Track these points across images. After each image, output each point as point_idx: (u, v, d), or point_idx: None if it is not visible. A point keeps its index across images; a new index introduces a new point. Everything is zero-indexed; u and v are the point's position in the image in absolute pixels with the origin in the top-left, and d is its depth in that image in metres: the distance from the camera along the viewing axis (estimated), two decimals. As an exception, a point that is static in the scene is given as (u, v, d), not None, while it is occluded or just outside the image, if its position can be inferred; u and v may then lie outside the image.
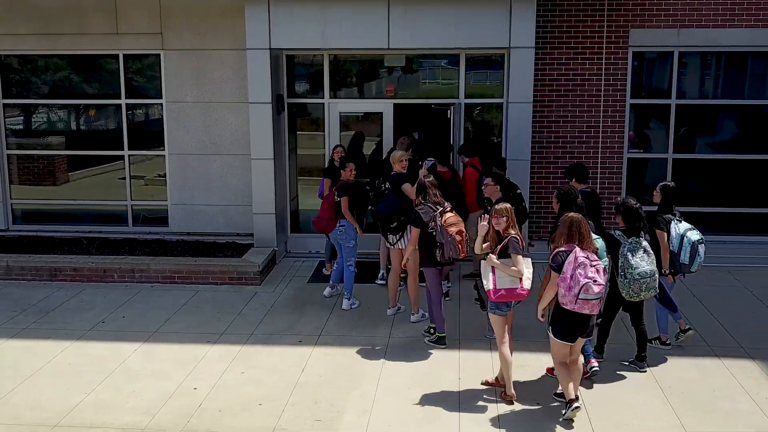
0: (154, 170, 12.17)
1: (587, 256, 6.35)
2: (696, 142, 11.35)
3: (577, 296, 6.26)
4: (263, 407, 6.92)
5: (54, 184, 12.50)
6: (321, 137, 11.63)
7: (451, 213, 8.02)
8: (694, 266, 7.73)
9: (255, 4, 10.62)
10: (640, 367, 7.62)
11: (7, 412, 6.89)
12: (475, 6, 10.40)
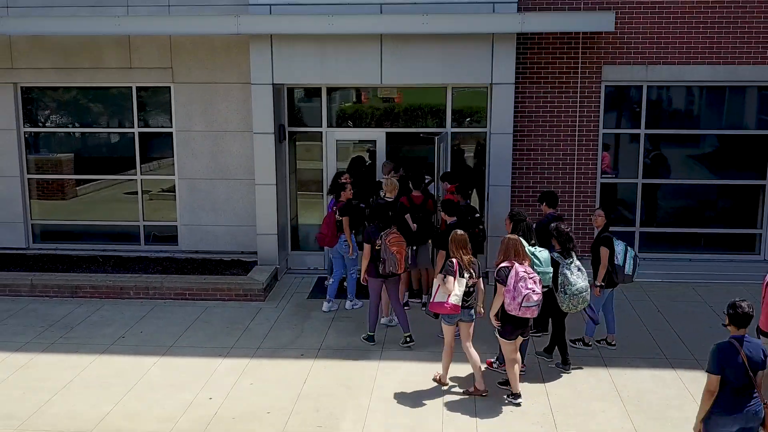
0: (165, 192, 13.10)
1: (526, 270, 7.68)
2: (663, 168, 12.36)
3: (521, 304, 7.59)
4: (271, 415, 7.90)
5: (71, 205, 13.43)
6: (319, 162, 12.61)
7: (395, 234, 9.34)
8: (634, 276, 8.98)
9: (259, 43, 11.60)
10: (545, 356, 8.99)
11: (46, 420, 7.86)
12: (460, 46, 11.39)
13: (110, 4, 12.25)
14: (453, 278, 8.04)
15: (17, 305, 11.32)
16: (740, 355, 5.67)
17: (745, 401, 5.72)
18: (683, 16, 11.66)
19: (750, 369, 5.67)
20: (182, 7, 12.13)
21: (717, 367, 5.70)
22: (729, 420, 5.74)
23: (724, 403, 5.72)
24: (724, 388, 5.72)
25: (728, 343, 5.76)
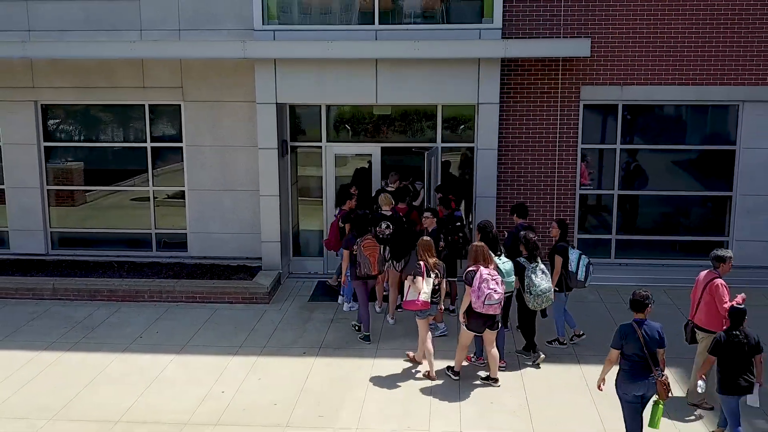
0: (174, 202, 14.07)
1: (490, 272, 8.76)
2: (638, 180, 13.35)
3: (484, 302, 8.68)
4: (277, 407, 8.87)
5: (87, 214, 14.38)
6: (319, 174, 13.57)
7: (369, 239, 10.46)
8: (587, 282, 10.02)
9: (264, 66, 12.57)
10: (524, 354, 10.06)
11: (77, 411, 8.83)
12: (449, 69, 12.37)
13: (124, 28, 13.23)
14: (422, 278, 9.24)
15: (41, 308, 12.28)
16: (638, 334, 7.09)
17: (647, 372, 7.07)
18: (655, 40, 12.64)
19: (646, 346, 6.99)
20: (192, 31, 13.11)
21: (617, 343, 7.22)
22: (633, 386, 7.16)
23: (630, 372, 7.12)
24: (630, 359, 7.16)
25: (629, 324, 7.24)
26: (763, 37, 12.55)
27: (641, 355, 7.10)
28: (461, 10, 12.60)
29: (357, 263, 10.45)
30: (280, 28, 12.57)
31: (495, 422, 8.50)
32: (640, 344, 7.09)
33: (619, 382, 7.28)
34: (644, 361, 7.09)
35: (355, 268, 10.53)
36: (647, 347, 7.09)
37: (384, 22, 12.54)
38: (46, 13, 13.36)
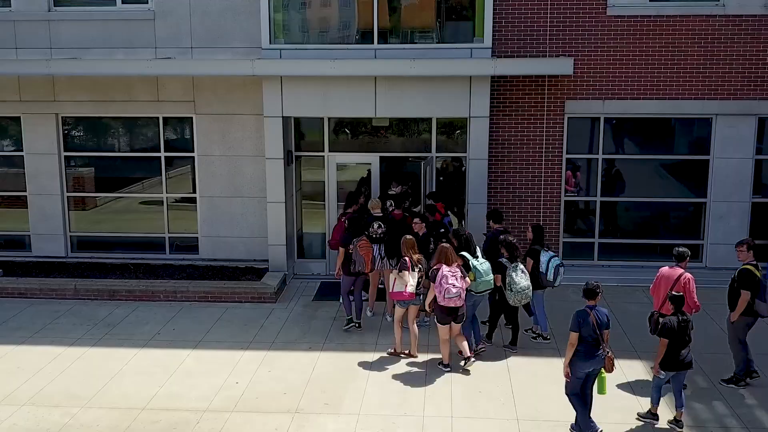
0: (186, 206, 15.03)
1: (451, 270, 9.92)
2: (619, 187, 14.33)
3: (444, 296, 9.81)
4: (287, 395, 9.85)
5: (104, 219, 15.35)
6: (322, 181, 14.53)
7: (364, 240, 11.68)
8: (557, 282, 10.97)
9: (271, 82, 13.54)
10: (511, 349, 11.08)
11: (105, 400, 9.80)
12: (443, 85, 13.34)
13: (140, 46, 14.20)
14: (407, 272, 10.46)
15: (64, 307, 13.23)
16: (591, 318, 8.35)
17: (595, 351, 8.32)
18: (634, 58, 13.62)
19: (598, 328, 8.24)
20: (203, 48, 14.09)
21: (576, 326, 8.38)
22: (586, 363, 8.41)
23: (584, 352, 8.33)
24: (583, 341, 8.36)
25: (583, 310, 8.45)
26: (734, 55, 13.54)
27: (594, 336, 8.34)
28: (454, 29, 13.58)
29: (352, 261, 11.65)
30: (286, 47, 13.54)
31: (482, 409, 9.48)
32: (593, 326, 8.33)
33: (574, 363, 8.43)
34: (596, 341, 8.35)
35: (348, 266, 11.71)
36: (598, 328, 8.37)
37: (382, 41, 13.52)
38: (67, 32, 14.32)
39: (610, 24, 13.56)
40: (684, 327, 8.67)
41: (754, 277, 9.66)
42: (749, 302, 9.67)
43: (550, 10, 13.51)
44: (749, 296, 9.64)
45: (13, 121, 14.92)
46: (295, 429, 9.01)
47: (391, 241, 12.19)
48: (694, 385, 10.08)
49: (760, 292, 9.67)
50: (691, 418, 9.27)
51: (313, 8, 13.74)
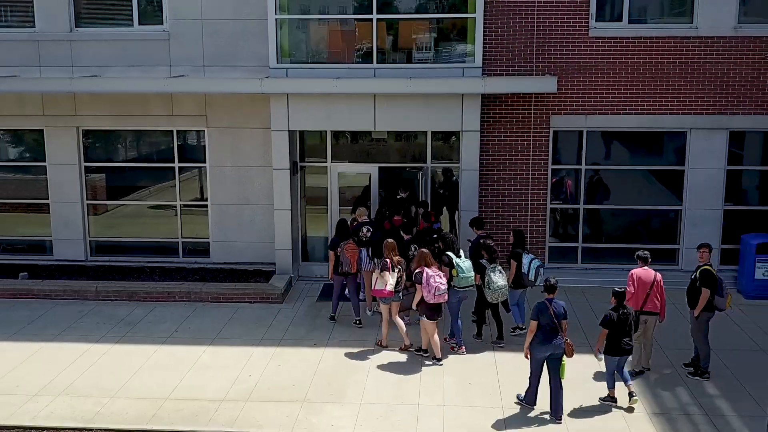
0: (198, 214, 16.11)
1: (434, 271, 11.21)
2: (602, 196, 15.42)
3: (434, 294, 11.04)
4: (295, 387, 10.93)
5: (120, 225, 16.42)
6: (325, 189, 15.61)
7: (350, 244, 13.01)
8: (537, 281, 12.07)
9: (278, 99, 14.62)
10: (498, 344, 12.24)
11: (131, 391, 10.88)
12: (437, 101, 14.42)
13: (155, 65, 15.27)
14: (388, 272, 11.67)
15: (87, 307, 14.30)
16: (549, 310, 9.75)
17: (553, 337, 9.66)
18: (614, 76, 14.71)
19: (555, 318, 9.56)
20: (214, 67, 15.16)
21: (536, 316, 9.79)
22: (543, 347, 9.81)
23: (542, 337, 9.67)
24: (542, 328, 9.77)
25: (543, 302, 9.85)
26: (707, 73, 14.62)
27: (552, 324, 9.69)
28: (448, 50, 14.65)
29: (340, 262, 12.94)
30: (292, 66, 14.62)
31: (471, 398, 10.58)
32: (551, 316, 9.73)
33: (534, 346, 9.81)
34: (553, 329, 9.67)
35: (337, 266, 13.00)
36: (556, 318, 9.73)
37: (381, 61, 14.59)
38: (87, 51, 15.38)
39: (592, 44, 14.64)
40: (624, 319, 10.13)
41: (713, 276, 10.88)
42: (708, 298, 10.81)
43: (536, 31, 14.59)
44: (709, 293, 10.79)
45: (37, 134, 15.98)
46: (304, 416, 10.10)
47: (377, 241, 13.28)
48: (663, 376, 11.18)
49: (719, 289, 10.88)
50: (658, 405, 10.38)
51: (317, 30, 14.81)
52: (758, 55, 14.51)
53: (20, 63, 15.53)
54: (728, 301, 11.08)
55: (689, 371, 11.30)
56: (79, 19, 15.44)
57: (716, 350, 12.00)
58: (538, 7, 14.52)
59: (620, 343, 10.12)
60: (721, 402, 10.52)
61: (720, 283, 11.00)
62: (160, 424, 9.90)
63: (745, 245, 14.71)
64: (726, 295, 11.03)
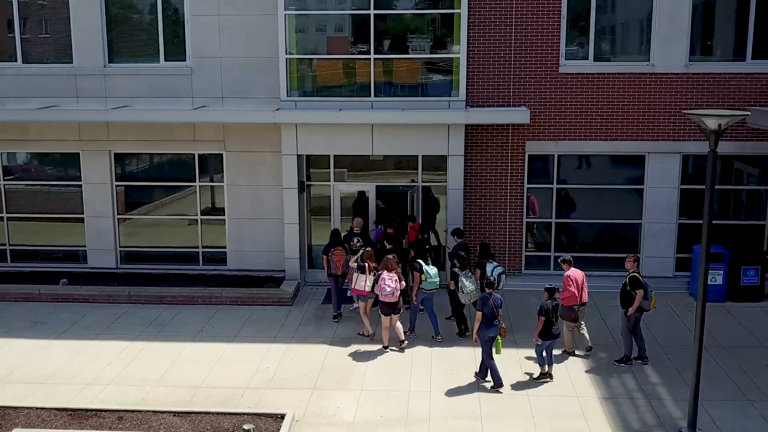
0: (216, 227, 18.23)
1: (389, 275, 13.60)
2: (570, 211, 17.58)
3: (382, 293, 13.41)
4: (306, 377, 13.06)
5: (147, 237, 18.53)
6: (328, 205, 17.74)
7: (339, 250, 15.34)
8: (500, 286, 14.24)
9: (288, 128, 16.75)
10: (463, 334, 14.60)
11: (169, 381, 13.00)
12: (426, 130, 16.56)
13: (179, 96, 17.40)
14: (365, 276, 14.04)
15: (121, 310, 16.41)
16: (489, 301, 12.42)
17: (493, 322, 12.08)
18: (581, 107, 16.86)
19: (494, 307, 12.06)
20: (231, 98, 17.29)
21: (480, 307, 12.48)
22: (488, 330, 12.46)
23: (486, 324, 12.26)
24: (486, 316, 12.42)
25: (485, 295, 12.53)
26: (662, 104, 16.78)
27: (492, 312, 12.28)
28: (435, 85, 16.78)
29: (329, 265, 15.36)
30: (300, 99, 16.75)
31: (453, 384, 12.74)
32: (492, 306, 12.41)
33: (481, 330, 12.32)
34: (493, 316, 12.19)
35: (329, 269, 15.39)
36: (495, 308, 12.45)
37: (378, 94, 16.73)
38: (119, 84, 17.50)
39: (561, 80, 16.79)
40: (555, 309, 12.71)
41: (640, 281, 13.23)
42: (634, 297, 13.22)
43: (513, 68, 16.74)
44: (642, 294, 13.10)
45: (73, 157, 18.09)
46: (315, 400, 12.25)
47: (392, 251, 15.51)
48: (614, 366, 13.34)
49: (645, 292, 13.16)
50: (607, 391, 12.54)
51: (322, 67, 16.94)
52: (705, 89, 16.67)
53: (59, 94, 17.64)
54: (652, 302, 13.40)
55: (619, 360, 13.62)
56: (111, 56, 17.55)
57: (663, 345, 14.25)
58: (514, 48, 16.66)
59: (551, 329, 12.64)
60: (661, 389, 12.68)
61: (646, 287, 13.29)
62: (197, 407, 12.01)
63: (696, 255, 16.85)
64: (650, 297, 13.33)
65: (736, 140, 16.83)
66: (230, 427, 11.16)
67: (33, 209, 18.53)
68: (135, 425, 11.22)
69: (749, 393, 12.50)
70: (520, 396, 12.35)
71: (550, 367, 12.90)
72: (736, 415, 11.78)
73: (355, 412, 11.87)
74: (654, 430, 11.38)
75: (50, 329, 15.33)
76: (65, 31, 17.51)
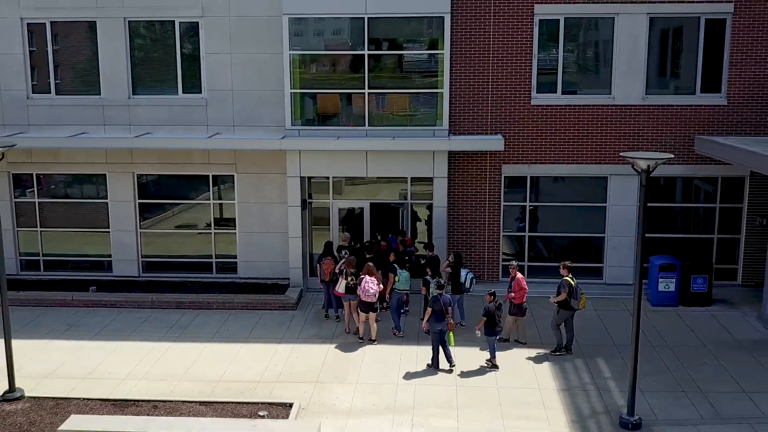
0: (227, 239, 20.47)
1: (370, 278, 15.94)
2: (541, 226, 19.85)
3: (365, 294, 15.75)
4: (310, 372, 15.31)
5: (167, 247, 20.76)
6: (327, 219, 19.99)
7: (328, 259, 17.61)
8: (471, 289, 16.78)
9: (292, 153, 19.01)
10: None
11: (193, 376, 15.23)
12: (414, 155, 18.83)
13: (196, 125, 19.62)
14: (344, 280, 16.37)
15: (145, 314, 18.64)
16: (440, 301, 14.90)
17: (441, 318, 14.82)
18: (551, 134, 19.12)
19: (444, 306, 14.41)
20: (242, 126, 19.53)
21: (431, 304, 15.07)
22: (437, 324, 15.07)
23: (435, 319, 14.75)
24: (436, 312, 15.01)
25: (436, 296, 15.07)
26: (622, 132, 19.05)
27: (441, 310, 14.70)
28: (422, 115, 19.02)
29: (320, 273, 17.77)
30: (303, 128, 19.01)
31: (435, 379, 15.00)
32: (441, 304, 14.76)
33: (431, 323, 14.82)
34: (442, 313, 14.59)
35: (320, 276, 17.79)
36: (444, 306, 14.97)
37: (372, 124, 18.98)
38: (142, 113, 19.73)
39: (533, 111, 19.06)
40: (497, 310, 15.17)
41: (571, 284, 15.74)
42: (567, 300, 15.76)
43: (490, 101, 19.01)
44: (567, 294, 15.76)
45: (101, 178, 20.32)
46: (317, 392, 14.51)
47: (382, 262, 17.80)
48: (573, 364, 15.62)
49: (574, 294, 15.72)
50: (565, 383, 14.81)
51: (322, 100, 19.17)
52: (660, 119, 18.96)
53: (88, 122, 19.87)
54: (581, 303, 15.88)
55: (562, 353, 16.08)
56: (135, 88, 19.78)
57: (618, 345, 16.54)
58: (491, 83, 18.93)
59: (495, 327, 15.19)
60: (611, 382, 14.95)
61: (575, 289, 15.80)
62: (219, 397, 14.27)
63: (652, 265, 19.13)
64: (579, 298, 15.79)
65: (687, 164, 19.12)
66: (247, 413, 13.42)
67: (64, 223, 20.74)
68: (168, 412, 13.47)
69: (685, 386, 14.77)
70: (491, 388, 14.61)
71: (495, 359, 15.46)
72: (671, 404, 14.05)
73: (351, 402, 14.12)
74: (601, 416, 13.66)
75: (84, 332, 17.55)
76: (94, 67, 19.73)
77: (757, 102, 18.76)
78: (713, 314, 18.40)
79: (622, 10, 18.55)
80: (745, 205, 19.42)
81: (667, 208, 19.65)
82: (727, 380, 14.92)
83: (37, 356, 16.09)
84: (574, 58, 19.01)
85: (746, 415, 13.59)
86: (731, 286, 19.76)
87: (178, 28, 19.38)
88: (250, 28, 19.13)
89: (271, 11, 18.92)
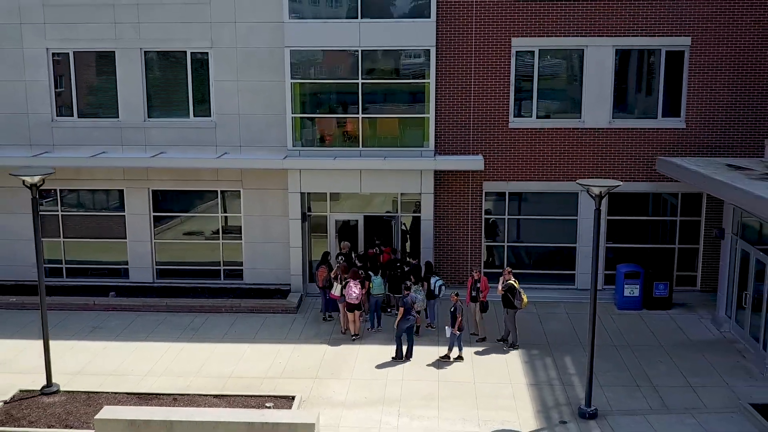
0: (234, 248, 22.48)
1: (354, 282, 18.08)
2: (518, 236, 21.88)
3: (350, 297, 17.81)
4: (309, 369, 17.32)
5: (178, 255, 22.76)
6: (325, 230, 21.99)
7: (323, 267, 19.66)
8: (440, 295, 18.80)
9: (293, 171, 21.03)
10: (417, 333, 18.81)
11: (206, 372, 17.24)
12: (403, 173, 20.85)
13: (205, 145, 21.62)
14: (339, 284, 18.29)
15: (160, 317, 20.64)
16: (408, 299, 17.43)
17: (411, 313, 16.76)
18: (527, 154, 21.13)
19: (412, 304, 16.69)
20: (248, 147, 21.54)
21: (402, 304, 17.50)
22: (405, 322, 17.42)
23: (405, 317, 16.50)
24: (407, 311, 17.20)
25: (407, 295, 17.53)
26: (591, 152, 21.07)
27: (410, 308, 16.74)
28: (410, 137, 21.03)
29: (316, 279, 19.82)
30: (304, 149, 21.03)
31: (418, 373, 17.03)
32: (410, 304, 16.83)
33: (399, 324, 16.97)
34: (410, 311, 16.67)
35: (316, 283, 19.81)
36: (412, 305, 17.32)
37: (365, 145, 21.00)
38: (156, 135, 21.72)
39: (511, 133, 21.10)
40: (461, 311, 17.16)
41: (514, 288, 17.99)
42: (511, 300, 17.94)
43: (472, 125, 21.04)
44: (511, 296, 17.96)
45: (118, 193, 22.32)
46: (316, 387, 16.54)
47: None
48: (541, 361, 17.65)
49: (517, 295, 17.83)
50: (534, 379, 16.84)
51: (321, 123, 21.17)
52: (625, 141, 21.00)
53: (107, 143, 21.86)
54: (523, 303, 18.10)
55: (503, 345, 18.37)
56: (150, 112, 21.76)
57: (584, 345, 18.55)
58: (473, 108, 20.96)
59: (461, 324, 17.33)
60: (575, 378, 16.98)
61: (518, 291, 18.04)
62: (230, 391, 16.29)
63: (618, 272, 21.14)
64: (521, 299, 18.02)
65: (650, 181, 21.16)
66: (256, 405, 15.44)
67: (84, 234, 22.72)
68: (186, 404, 15.49)
69: (640, 381, 16.80)
70: (469, 383, 16.62)
71: (461, 351, 17.67)
72: (626, 397, 16.08)
73: (346, 395, 16.14)
74: (563, 407, 15.69)
75: (107, 333, 19.55)
76: (113, 92, 21.71)
77: (713, 125, 20.80)
78: (673, 317, 20.44)
79: (590, 43, 20.57)
80: (703, 218, 21.46)
81: (632, 220, 21.68)
82: (677, 376, 16.97)
83: (68, 355, 18.10)
84: (547, 85, 21.04)
85: (690, 406, 15.64)
86: (691, 291, 21.78)
87: (189, 58, 21.36)
88: (255, 58, 21.13)
89: (273, 43, 20.93)
